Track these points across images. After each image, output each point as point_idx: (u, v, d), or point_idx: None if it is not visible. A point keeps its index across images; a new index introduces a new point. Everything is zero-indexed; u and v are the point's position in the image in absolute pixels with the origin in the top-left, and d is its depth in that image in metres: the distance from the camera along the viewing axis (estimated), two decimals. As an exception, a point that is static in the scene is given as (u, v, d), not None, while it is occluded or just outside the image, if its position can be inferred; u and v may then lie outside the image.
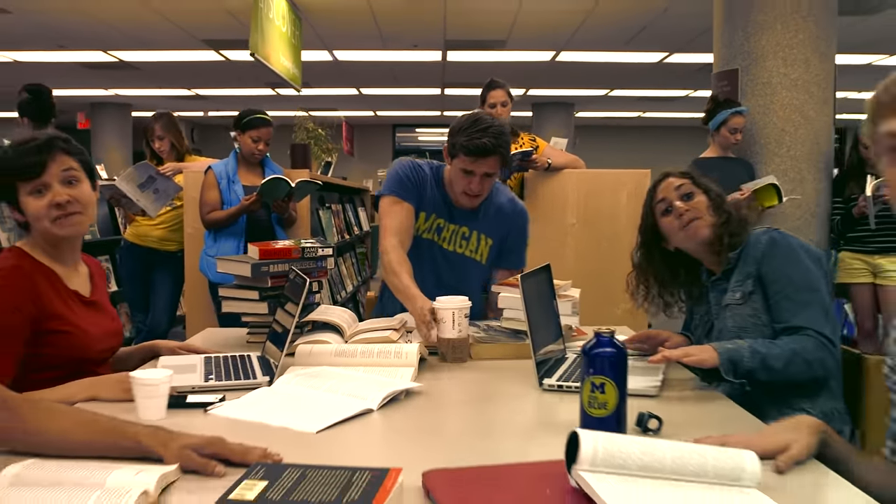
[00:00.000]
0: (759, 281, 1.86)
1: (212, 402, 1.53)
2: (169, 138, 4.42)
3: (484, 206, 2.49)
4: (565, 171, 4.35)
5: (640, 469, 1.04)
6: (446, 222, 2.48)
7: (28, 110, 4.47)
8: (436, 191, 2.47)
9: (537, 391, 1.69)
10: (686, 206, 1.93)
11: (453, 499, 1.04)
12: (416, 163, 2.49)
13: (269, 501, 1.00)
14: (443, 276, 2.48)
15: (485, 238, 2.52)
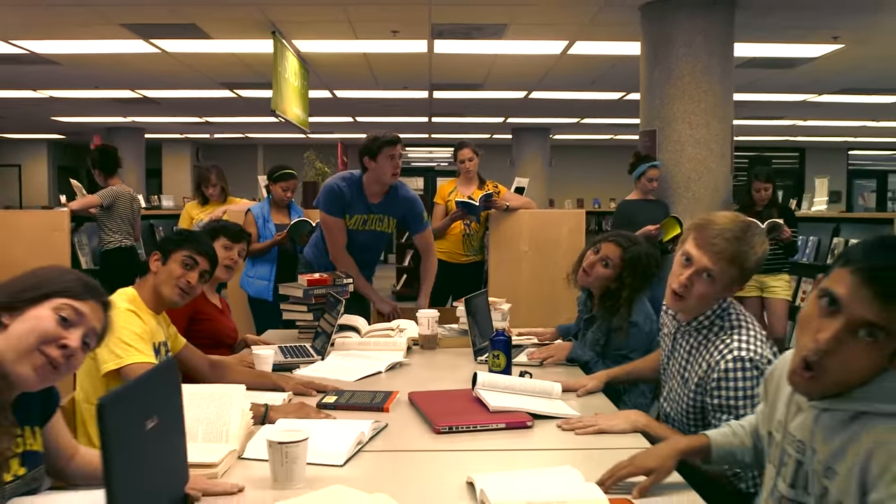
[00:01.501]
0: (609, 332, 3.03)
1: (293, 368, 2.82)
2: (220, 185, 5.71)
3: (387, 198, 3.90)
4: (520, 210, 5.62)
5: (504, 388, 2.33)
6: (367, 214, 3.88)
7: (100, 163, 5.80)
8: (356, 196, 3.84)
9: (473, 363, 2.96)
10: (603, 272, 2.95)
11: (423, 402, 2.32)
12: (337, 185, 3.86)
13: (342, 400, 2.29)
14: (362, 246, 3.93)
15: (389, 218, 3.95)
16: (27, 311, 1.53)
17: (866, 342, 1.25)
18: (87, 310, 1.59)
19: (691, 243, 2.01)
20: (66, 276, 1.63)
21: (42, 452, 1.61)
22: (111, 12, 6.35)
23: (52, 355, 1.51)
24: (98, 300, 1.64)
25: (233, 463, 1.79)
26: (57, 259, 5.47)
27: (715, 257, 1.97)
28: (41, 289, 1.56)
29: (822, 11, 6.31)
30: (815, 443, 1.36)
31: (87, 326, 1.58)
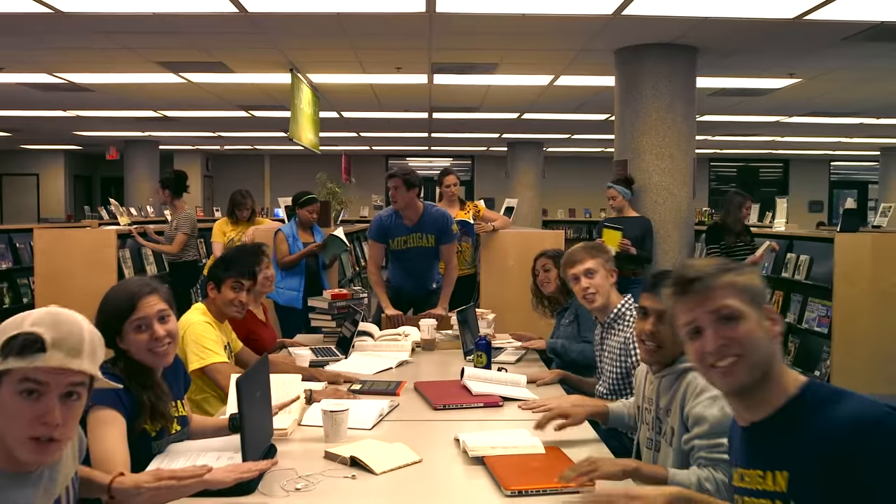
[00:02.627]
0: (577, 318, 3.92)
1: (324, 365, 3.67)
2: (252, 206, 6.63)
3: (423, 219, 4.88)
4: (507, 230, 6.46)
5: (484, 379, 3.18)
6: (407, 236, 4.89)
7: (174, 186, 6.68)
8: (396, 222, 4.90)
9: (462, 360, 3.81)
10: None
11: (425, 388, 3.17)
12: (380, 216, 5.00)
13: (366, 387, 3.14)
14: (413, 260, 4.98)
15: (427, 235, 4.92)
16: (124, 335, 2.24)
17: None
18: (148, 309, 2.24)
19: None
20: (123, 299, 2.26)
21: (188, 416, 2.46)
22: (150, 53, 7.21)
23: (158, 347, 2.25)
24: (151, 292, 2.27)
25: (295, 428, 2.64)
26: (105, 272, 6.31)
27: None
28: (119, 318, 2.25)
29: (776, 55, 7.17)
30: (660, 399, 2.26)
31: (157, 312, 2.25)
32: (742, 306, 1.56)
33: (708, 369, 1.60)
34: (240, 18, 5.85)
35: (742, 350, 1.54)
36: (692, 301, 1.60)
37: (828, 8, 5.46)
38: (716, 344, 1.56)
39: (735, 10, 5.59)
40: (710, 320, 1.57)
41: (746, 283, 1.59)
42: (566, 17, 5.83)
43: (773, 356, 1.56)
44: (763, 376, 1.55)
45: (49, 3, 5.51)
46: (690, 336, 1.62)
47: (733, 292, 1.57)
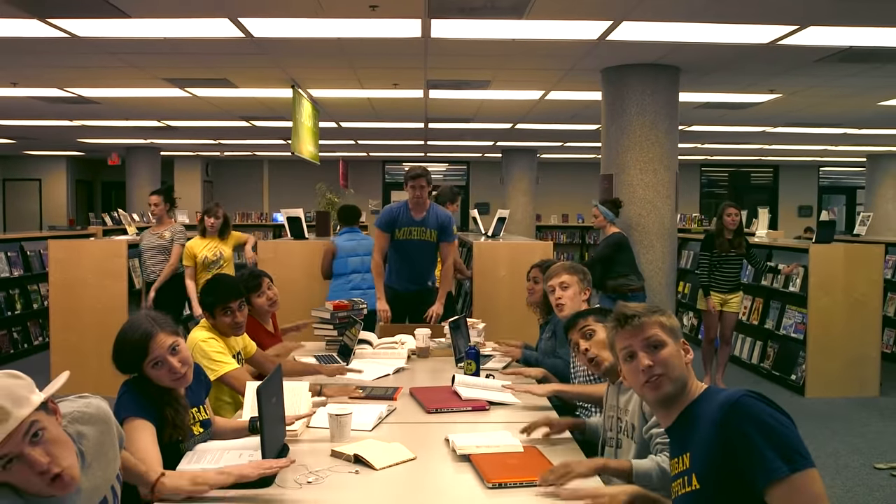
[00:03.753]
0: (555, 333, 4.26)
1: (328, 371, 4.00)
2: (225, 218, 6.76)
3: (428, 215, 5.42)
4: (500, 242, 6.79)
5: (473, 385, 3.52)
6: (412, 227, 5.42)
7: (171, 200, 6.91)
8: (405, 215, 5.42)
9: (454, 367, 4.15)
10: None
11: (419, 394, 3.51)
12: (391, 207, 5.52)
13: (366, 392, 3.48)
14: (413, 253, 5.46)
15: (430, 230, 5.44)
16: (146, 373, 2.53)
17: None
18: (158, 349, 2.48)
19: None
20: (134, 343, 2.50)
21: (210, 419, 2.80)
22: (157, 71, 7.54)
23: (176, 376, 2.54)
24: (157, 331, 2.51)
25: (304, 429, 2.98)
26: (116, 280, 6.65)
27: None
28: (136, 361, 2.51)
29: (755, 74, 7.51)
30: (619, 399, 2.66)
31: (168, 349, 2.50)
32: (665, 337, 2.05)
33: (640, 386, 2.06)
34: (245, 42, 6.19)
35: (665, 369, 2.01)
36: (628, 332, 2.07)
37: (798, 35, 5.81)
38: (646, 364, 2.02)
39: (712, 36, 5.94)
40: (641, 346, 2.05)
41: (668, 321, 2.08)
42: (554, 41, 6.17)
43: (686, 376, 2.03)
44: (681, 389, 2.02)
45: (65, 29, 5.84)
46: (626, 359, 2.08)
47: (659, 327, 2.06)
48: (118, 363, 2.54)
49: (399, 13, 5.46)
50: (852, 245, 7.33)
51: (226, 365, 3.40)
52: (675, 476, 1.99)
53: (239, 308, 3.50)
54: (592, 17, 5.52)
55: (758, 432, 1.76)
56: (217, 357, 3.39)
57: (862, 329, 6.93)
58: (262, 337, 4.16)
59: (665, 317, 2.08)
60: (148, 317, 2.56)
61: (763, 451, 1.73)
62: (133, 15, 5.45)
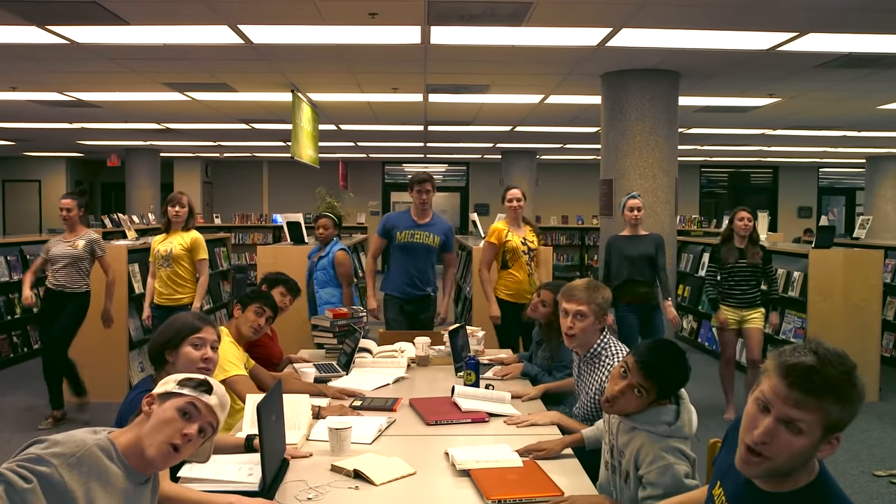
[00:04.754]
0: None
1: (327, 381, 4.01)
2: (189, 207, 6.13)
3: (431, 221, 5.53)
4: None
5: (472, 396, 3.53)
6: (415, 230, 5.53)
7: (80, 199, 6.17)
8: (406, 220, 5.55)
9: (453, 377, 4.15)
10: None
11: (419, 405, 3.51)
12: (389, 216, 5.69)
13: (366, 404, 3.49)
14: (414, 255, 5.53)
15: (433, 235, 5.54)
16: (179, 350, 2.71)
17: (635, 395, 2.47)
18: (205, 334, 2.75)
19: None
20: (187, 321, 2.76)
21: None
22: (157, 75, 7.55)
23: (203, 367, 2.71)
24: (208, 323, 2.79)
25: (304, 442, 2.98)
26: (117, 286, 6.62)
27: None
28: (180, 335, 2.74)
29: (754, 79, 7.52)
30: (618, 438, 2.59)
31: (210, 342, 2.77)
32: (813, 428, 1.55)
33: (743, 443, 1.64)
34: (245, 48, 6.19)
35: (774, 456, 1.58)
36: (785, 393, 1.57)
37: (797, 42, 5.82)
38: (761, 437, 1.59)
39: (711, 42, 5.94)
40: (778, 413, 1.57)
41: (840, 409, 1.55)
42: (553, 48, 6.18)
43: (797, 469, 1.61)
44: (774, 477, 1.63)
45: (65, 35, 5.85)
46: (757, 403, 1.63)
47: (820, 414, 1.55)
48: (161, 338, 2.71)
49: (399, 20, 5.47)
50: (851, 250, 7.33)
51: (236, 368, 3.50)
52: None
53: (268, 319, 3.82)
54: (592, 24, 5.53)
55: None
56: (232, 360, 3.51)
57: (861, 333, 6.93)
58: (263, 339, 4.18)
59: (844, 405, 1.55)
60: (202, 314, 2.91)
61: None
62: (132, 22, 5.45)
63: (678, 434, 2.45)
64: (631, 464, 2.49)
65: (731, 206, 19.53)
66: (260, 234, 17.40)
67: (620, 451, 2.57)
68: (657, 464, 2.39)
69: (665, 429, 2.45)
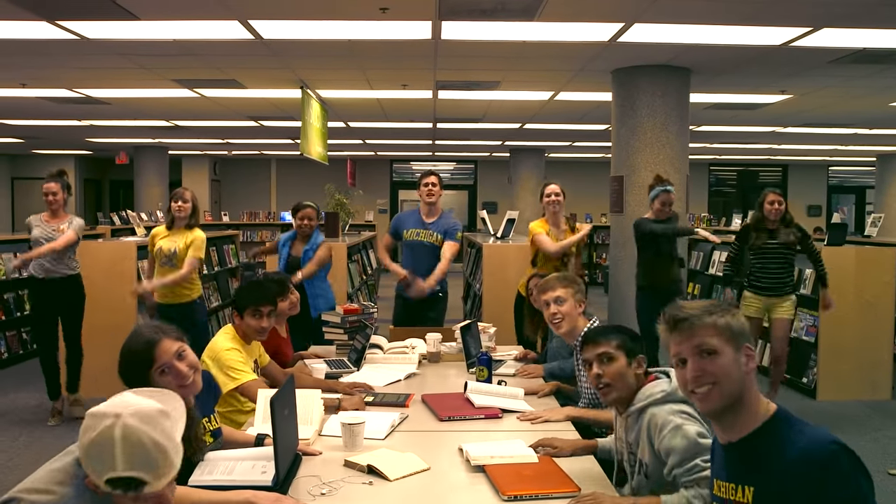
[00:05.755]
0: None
1: (338, 377, 3.98)
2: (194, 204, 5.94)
3: (437, 221, 5.63)
4: (509, 244, 6.76)
5: (485, 392, 3.50)
6: (420, 230, 5.66)
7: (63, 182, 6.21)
8: (414, 218, 5.72)
9: (466, 373, 4.13)
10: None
11: (432, 401, 3.48)
12: (400, 215, 5.89)
13: (378, 399, 3.46)
14: (416, 253, 5.65)
15: (436, 234, 5.63)
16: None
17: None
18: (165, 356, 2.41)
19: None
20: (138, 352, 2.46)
21: (221, 428, 2.78)
22: (166, 72, 7.53)
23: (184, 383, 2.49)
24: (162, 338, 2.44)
25: (316, 438, 2.96)
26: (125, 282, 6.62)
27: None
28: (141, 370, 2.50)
29: (766, 75, 7.46)
30: (628, 435, 2.58)
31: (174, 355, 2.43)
32: (719, 343, 1.85)
33: (689, 394, 1.91)
34: (255, 44, 6.17)
35: (716, 379, 1.84)
36: (679, 337, 1.90)
37: (811, 37, 5.77)
38: (694, 373, 1.86)
39: (723, 37, 5.89)
40: (691, 353, 1.87)
41: (726, 323, 1.87)
42: (564, 43, 6.14)
43: (746, 387, 1.84)
44: (736, 403, 1.84)
45: (74, 31, 5.83)
46: (677, 365, 1.93)
47: (713, 331, 1.86)
48: (125, 377, 2.44)
49: (409, 15, 5.43)
50: (864, 247, 7.27)
51: (245, 374, 3.39)
52: (724, 502, 1.89)
53: (268, 314, 3.58)
54: (604, 19, 5.49)
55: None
56: (238, 366, 3.38)
57: (874, 331, 6.88)
58: (275, 340, 4.16)
59: (723, 317, 1.87)
60: (150, 326, 2.52)
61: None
62: (142, 17, 5.43)
63: (678, 397, 2.44)
64: (647, 452, 2.46)
65: (741, 204, 19.47)
66: (268, 232, 17.40)
67: (635, 443, 2.55)
68: (667, 428, 2.38)
69: (665, 394, 2.48)
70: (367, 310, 4.74)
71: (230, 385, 3.33)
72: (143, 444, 1.70)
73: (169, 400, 1.90)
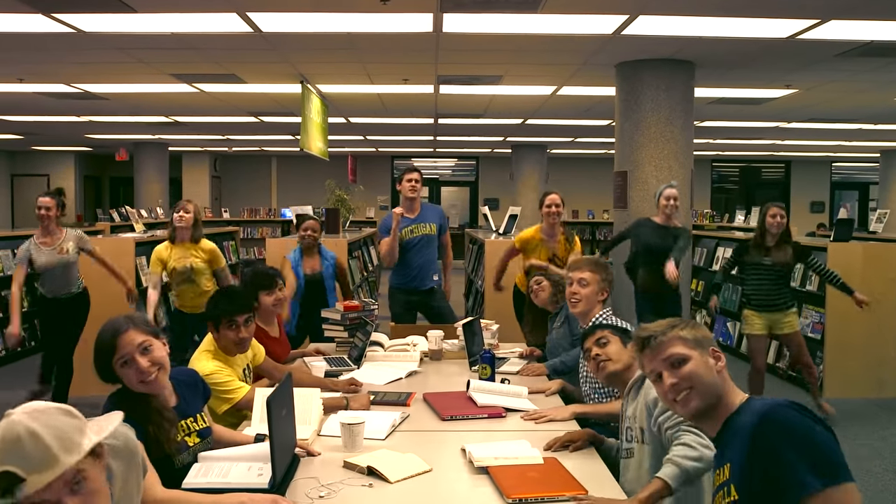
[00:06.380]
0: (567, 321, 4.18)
1: (338, 375, 3.90)
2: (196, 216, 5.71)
3: (423, 212, 5.62)
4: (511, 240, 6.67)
5: (488, 391, 3.42)
6: (413, 227, 5.57)
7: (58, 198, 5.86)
8: (405, 218, 5.51)
9: (468, 371, 4.05)
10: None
11: (433, 400, 3.41)
12: (386, 217, 5.64)
13: (378, 398, 3.38)
14: (418, 249, 5.58)
15: (428, 224, 5.63)
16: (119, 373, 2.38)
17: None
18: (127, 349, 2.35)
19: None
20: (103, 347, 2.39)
21: (210, 427, 2.68)
22: (164, 66, 7.45)
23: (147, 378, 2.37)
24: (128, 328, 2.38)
25: (315, 437, 2.88)
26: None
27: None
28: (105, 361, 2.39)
29: (772, 69, 7.38)
30: (628, 409, 2.65)
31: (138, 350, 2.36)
32: (687, 351, 1.99)
33: (671, 404, 2.02)
34: (254, 37, 6.09)
35: (692, 384, 1.96)
36: (650, 354, 2.04)
37: (818, 30, 5.68)
38: (670, 383, 1.99)
39: (729, 30, 5.81)
40: (664, 366, 2.01)
41: (689, 333, 2.02)
42: (567, 36, 6.05)
43: (720, 385, 1.96)
44: (715, 400, 1.95)
45: (71, 24, 5.75)
46: (655, 381, 2.06)
47: (679, 342, 2.00)
48: (96, 367, 2.37)
49: (411, 7, 5.35)
50: (870, 243, 7.19)
51: (240, 391, 3.17)
52: (718, 487, 1.93)
53: (245, 323, 3.27)
54: (608, 10, 5.40)
55: (790, 445, 1.71)
56: (227, 383, 3.15)
57: (881, 328, 6.79)
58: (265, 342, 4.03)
59: (685, 329, 2.02)
60: (125, 316, 2.45)
61: (795, 465, 1.68)
62: (139, 10, 5.35)
63: None
64: (643, 416, 2.58)
65: (743, 201, 19.39)
66: (269, 229, 17.30)
67: (633, 416, 2.65)
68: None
69: None
70: (368, 307, 4.66)
71: (226, 406, 3.16)
72: (17, 436, 1.45)
73: (104, 420, 1.62)
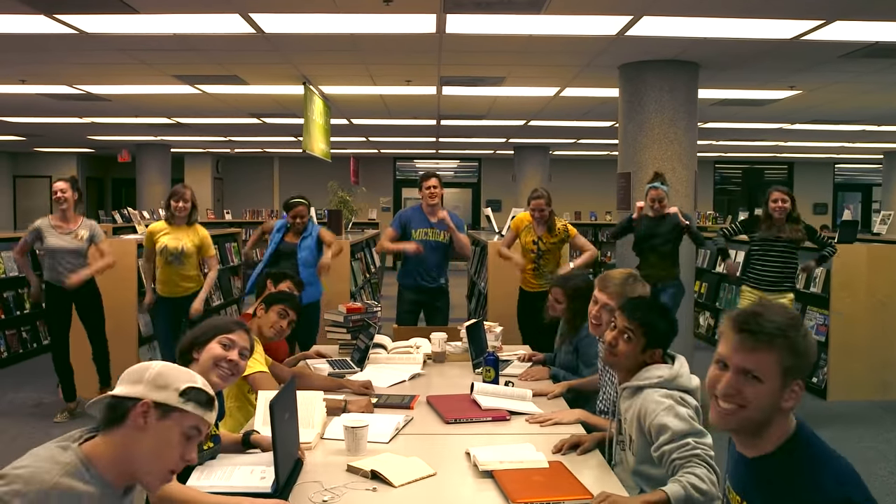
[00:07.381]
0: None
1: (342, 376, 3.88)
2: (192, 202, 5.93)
3: (443, 221, 5.69)
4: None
5: (492, 393, 3.40)
6: (428, 229, 5.73)
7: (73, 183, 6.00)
8: (419, 216, 5.77)
9: (472, 374, 4.03)
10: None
11: (437, 402, 3.38)
12: (404, 211, 5.93)
13: (382, 401, 3.36)
14: (431, 252, 5.72)
15: (443, 233, 5.76)
16: (206, 346, 2.59)
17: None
18: (236, 337, 2.62)
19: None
20: (222, 322, 2.69)
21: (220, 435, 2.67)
22: (167, 68, 7.44)
23: (224, 367, 2.57)
24: (243, 329, 2.67)
25: (318, 441, 2.86)
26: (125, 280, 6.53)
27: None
28: (209, 333, 2.62)
29: (776, 70, 7.34)
30: (621, 405, 2.64)
31: (239, 346, 2.62)
32: (769, 374, 1.64)
33: (712, 398, 1.72)
34: (256, 38, 6.07)
35: (746, 403, 1.66)
36: (737, 344, 1.68)
37: (823, 30, 5.65)
38: (726, 389, 1.68)
39: (733, 31, 5.78)
40: (735, 365, 1.68)
41: (790, 357, 1.64)
42: (571, 37, 6.03)
43: (772, 420, 1.67)
44: (756, 428, 1.69)
45: (74, 25, 5.74)
46: (717, 362, 1.73)
47: (773, 359, 1.64)
48: (194, 334, 2.62)
49: (414, 8, 5.33)
50: (875, 245, 7.16)
51: (259, 365, 3.32)
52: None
53: (290, 323, 3.67)
54: (612, 11, 5.37)
55: None
56: (255, 356, 3.28)
57: (886, 330, 6.77)
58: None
59: (790, 351, 1.64)
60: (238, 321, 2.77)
61: None
62: (142, 11, 5.33)
63: (676, 384, 2.56)
64: (634, 425, 2.55)
65: (746, 202, 19.35)
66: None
67: (624, 417, 2.64)
68: (660, 408, 2.46)
69: (662, 380, 2.56)
70: (371, 309, 4.65)
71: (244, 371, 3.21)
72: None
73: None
